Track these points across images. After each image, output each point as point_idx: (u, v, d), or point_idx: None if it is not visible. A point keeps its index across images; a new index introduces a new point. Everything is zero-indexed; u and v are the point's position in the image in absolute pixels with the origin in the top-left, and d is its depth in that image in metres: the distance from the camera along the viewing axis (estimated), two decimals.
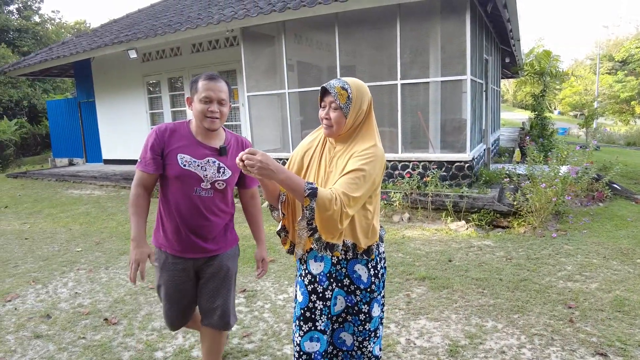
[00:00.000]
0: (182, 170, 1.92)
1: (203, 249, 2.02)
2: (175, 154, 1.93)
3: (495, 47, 9.94)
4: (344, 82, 1.59)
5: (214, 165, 1.97)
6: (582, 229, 4.79)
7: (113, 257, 4.49)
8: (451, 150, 6.38)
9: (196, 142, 1.97)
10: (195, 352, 2.65)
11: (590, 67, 38.33)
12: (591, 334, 2.70)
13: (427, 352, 2.59)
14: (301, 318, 1.71)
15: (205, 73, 1.96)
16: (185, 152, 1.94)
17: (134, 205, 1.97)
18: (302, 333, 1.70)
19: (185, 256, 2.02)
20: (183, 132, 1.98)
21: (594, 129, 16.05)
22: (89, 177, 9.66)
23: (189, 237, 1.99)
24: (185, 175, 1.93)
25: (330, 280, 1.69)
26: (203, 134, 1.98)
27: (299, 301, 1.73)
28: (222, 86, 1.94)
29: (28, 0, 23.57)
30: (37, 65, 10.91)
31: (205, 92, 1.89)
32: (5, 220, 6.46)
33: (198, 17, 8.21)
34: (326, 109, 1.62)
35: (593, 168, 5.91)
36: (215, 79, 1.93)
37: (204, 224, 1.99)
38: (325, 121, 1.63)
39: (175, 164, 1.93)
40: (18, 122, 16.52)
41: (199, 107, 1.91)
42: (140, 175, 1.97)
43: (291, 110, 7.37)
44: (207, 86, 1.90)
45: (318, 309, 1.69)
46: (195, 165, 1.94)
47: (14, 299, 3.51)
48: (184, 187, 1.95)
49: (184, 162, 1.93)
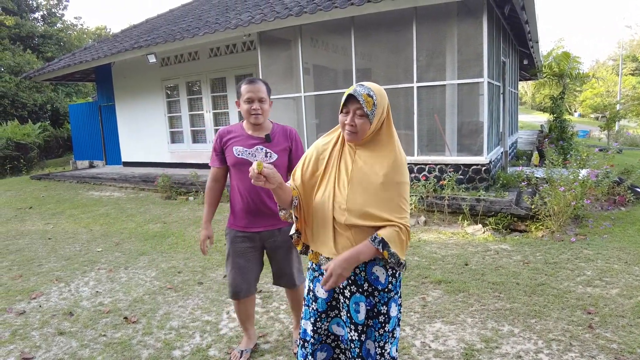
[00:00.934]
0: (236, 159, 2.38)
1: (265, 223, 2.44)
2: (231, 147, 2.40)
3: (512, 49, 9.83)
4: (368, 88, 1.60)
5: (262, 151, 2.39)
6: (602, 234, 4.69)
7: (132, 258, 4.59)
8: (468, 153, 6.33)
9: (247, 136, 2.42)
10: (212, 352, 2.70)
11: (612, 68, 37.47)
12: (611, 340, 2.66)
13: (443, 355, 2.58)
14: (327, 309, 1.78)
15: (246, 78, 2.41)
16: (238, 144, 2.40)
17: (206, 195, 2.55)
18: (330, 319, 1.80)
19: (251, 230, 2.45)
20: (237, 130, 2.45)
21: (616, 132, 15.68)
22: (108, 179, 9.88)
23: (252, 213, 2.41)
24: (239, 163, 2.38)
25: (349, 281, 1.71)
26: (252, 129, 2.43)
27: (323, 298, 1.77)
28: (261, 87, 2.36)
29: (52, 8, 24.28)
30: (60, 70, 11.22)
31: (247, 94, 2.33)
32: (30, 220, 6.65)
33: (216, 22, 8.34)
34: (350, 116, 1.61)
35: (614, 171, 5.78)
36: (254, 82, 2.36)
37: (260, 201, 2.39)
38: (349, 127, 1.63)
39: (231, 155, 2.40)
40: (42, 126, 17.00)
41: (245, 107, 2.35)
42: (211, 171, 2.52)
43: (307, 114, 7.41)
44: (248, 89, 2.33)
45: (341, 301, 1.76)
46: (246, 154, 2.38)
47: (38, 297, 3.62)
48: (241, 172, 2.38)
49: (238, 152, 2.39)
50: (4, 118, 17.24)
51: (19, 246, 5.20)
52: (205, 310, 3.28)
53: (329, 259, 1.69)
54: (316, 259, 1.78)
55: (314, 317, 1.80)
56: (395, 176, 1.64)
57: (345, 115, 1.64)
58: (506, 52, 8.48)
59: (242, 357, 2.57)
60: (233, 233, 2.49)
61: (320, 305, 1.78)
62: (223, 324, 3.07)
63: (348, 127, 1.63)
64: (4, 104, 17.60)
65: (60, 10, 24.79)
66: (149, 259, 4.54)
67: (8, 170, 13.61)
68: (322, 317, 1.79)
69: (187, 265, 4.29)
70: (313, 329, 1.81)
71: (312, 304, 1.82)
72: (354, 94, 1.60)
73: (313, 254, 1.80)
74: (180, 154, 10.63)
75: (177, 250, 4.81)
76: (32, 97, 18.37)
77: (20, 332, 3.03)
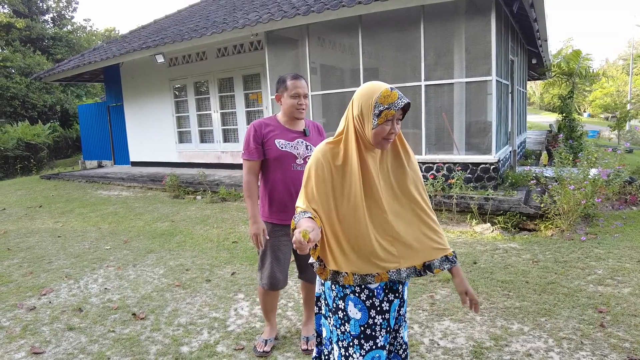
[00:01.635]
0: (280, 152, 2.42)
1: None
2: (273, 140, 2.42)
3: (521, 48, 9.75)
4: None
5: (303, 144, 2.47)
6: (613, 233, 4.63)
7: (140, 255, 4.62)
8: (476, 152, 6.29)
9: (286, 129, 2.46)
10: (220, 348, 2.70)
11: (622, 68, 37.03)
12: (623, 339, 2.62)
13: (451, 352, 2.56)
14: (361, 336, 1.59)
15: (289, 74, 2.44)
16: (280, 137, 2.43)
17: (247, 190, 2.50)
18: (364, 352, 1.58)
19: (288, 222, 2.44)
20: (274, 124, 2.48)
21: (626, 131, 15.49)
22: (117, 178, 9.95)
23: (291, 205, 2.42)
24: (283, 156, 2.42)
25: (385, 291, 1.63)
26: (290, 123, 2.48)
27: (357, 318, 1.59)
28: (305, 83, 2.43)
29: (62, 10, 24.54)
30: (69, 70, 11.34)
31: (295, 89, 2.38)
32: (40, 219, 6.72)
33: (223, 21, 8.37)
34: (391, 124, 1.49)
35: (626, 170, 5.71)
36: (300, 78, 2.41)
37: None
38: (392, 136, 1.52)
39: (274, 148, 2.42)
40: (51, 126, 17.19)
41: (291, 101, 2.39)
42: (248, 165, 2.48)
43: (314, 113, 7.41)
44: (296, 84, 2.38)
45: (377, 324, 1.60)
46: (289, 147, 2.44)
47: (48, 293, 3.66)
48: (284, 165, 2.43)
49: (281, 145, 2.42)
50: (14, 119, 17.46)
51: (29, 244, 5.25)
52: (213, 307, 3.29)
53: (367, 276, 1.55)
54: (351, 280, 1.55)
55: (347, 341, 1.60)
56: (417, 170, 1.68)
57: (387, 124, 1.49)
58: (515, 50, 8.42)
59: (266, 345, 2.63)
60: (270, 227, 2.51)
61: (353, 327, 1.60)
62: (231, 320, 3.07)
63: (392, 136, 1.52)
64: (14, 105, 17.82)
65: (69, 12, 25.07)
66: (157, 256, 4.56)
67: (19, 170, 13.78)
68: (354, 343, 1.59)
69: (194, 262, 4.30)
70: (345, 354, 1.60)
71: (343, 326, 1.61)
72: (408, 102, 1.49)
73: (348, 277, 1.55)
74: (188, 153, 10.69)
75: (185, 248, 4.83)
76: (42, 98, 18.58)
77: (31, 327, 3.05)
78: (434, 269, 1.62)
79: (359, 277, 1.55)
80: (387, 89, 1.48)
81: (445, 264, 1.63)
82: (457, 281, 1.64)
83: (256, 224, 2.47)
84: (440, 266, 1.62)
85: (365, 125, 1.50)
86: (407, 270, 1.60)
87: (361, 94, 1.52)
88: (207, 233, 5.37)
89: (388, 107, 1.46)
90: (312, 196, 1.55)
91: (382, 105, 1.46)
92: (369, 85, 1.53)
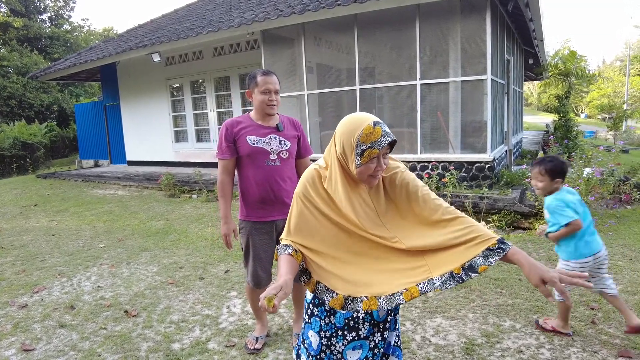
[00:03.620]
0: (252, 148, 2.39)
1: (279, 212, 2.45)
2: (244, 137, 2.40)
3: (517, 48, 9.77)
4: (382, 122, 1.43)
5: (276, 139, 2.44)
6: (607, 231, 4.64)
7: (134, 254, 4.60)
8: (471, 151, 6.30)
9: (258, 126, 2.44)
10: (211, 345, 2.70)
11: (619, 69, 37.16)
12: (614, 335, 2.62)
13: (443, 349, 2.56)
14: (345, 328, 1.57)
15: (260, 70, 2.42)
16: (251, 134, 2.41)
17: (221, 190, 2.48)
18: (347, 342, 1.58)
19: (266, 219, 2.45)
20: (246, 121, 2.46)
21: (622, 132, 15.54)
22: (113, 177, 9.93)
23: (268, 202, 2.43)
24: (255, 152, 2.39)
25: None
26: (262, 119, 2.45)
27: (343, 312, 1.56)
28: (276, 78, 2.41)
29: (59, 9, 24.49)
30: (66, 69, 11.31)
31: (266, 85, 2.36)
32: (35, 217, 6.70)
33: (220, 20, 8.37)
34: (379, 159, 1.39)
35: (620, 170, 5.73)
36: (271, 74, 2.39)
37: (277, 188, 2.42)
38: (378, 173, 1.42)
39: (245, 145, 2.40)
40: (48, 126, 17.15)
41: (261, 97, 2.37)
42: (222, 164, 2.46)
43: (310, 112, 7.41)
44: (266, 80, 2.36)
45: (360, 318, 1.58)
46: (261, 142, 2.41)
47: (41, 291, 3.64)
48: (257, 161, 2.40)
49: (252, 141, 2.40)
50: (11, 118, 17.41)
51: (23, 242, 5.24)
52: (205, 304, 3.28)
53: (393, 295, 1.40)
54: (375, 305, 1.42)
55: (330, 331, 1.58)
56: (414, 185, 1.53)
57: (372, 162, 1.38)
58: (510, 50, 8.44)
59: (257, 342, 2.62)
60: (250, 225, 2.48)
61: (338, 319, 1.58)
62: (223, 317, 3.06)
63: (379, 173, 1.42)
64: (11, 104, 17.77)
65: (67, 11, 25.02)
66: (151, 254, 4.55)
67: (15, 169, 13.74)
68: (337, 334, 1.57)
69: (188, 260, 4.29)
70: (326, 343, 1.57)
71: (327, 317, 1.60)
72: (393, 137, 1.39)
73: (368, 301, 1.42)
74: (185, 153, 10.67)
75: (179, 246, 4.82)
76: (39, 97, 18.53)
77: (22, 324, 3.04)
78: (478, 268, 1.35)
79: (351, 300, 1.43)
80: (369, 126, 1.36)
81: (493, 257, 1.34)
82: (526, 271, 1.31)
83: (227, 225, 2.49)
84: (485, 262, 1.34)
85: (349, 163, 1.41)
86: (440, 278, 1.38)
87: (342, 131, 1.41)
88: (201, 231, 5.36)
89: (371, 146, 1.35)
90: (295, 227, 1.50)
91: (365, 144, 1.35)
92: (351, 120, 1.41)
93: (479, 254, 1.36)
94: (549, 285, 1.29)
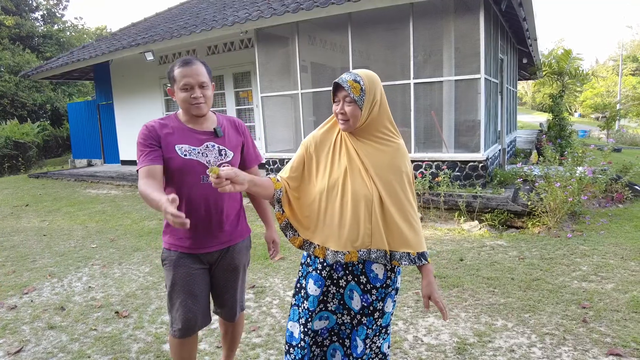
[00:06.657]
0: (184, 161, 1.81)
1: (216, 241, 1.90)
2: (172, 146, 1.81)
3: (511, 47, 9.80)
4: (355, 74, 1.59)
5: (214, 149, 1.87)
6: (599, 230, 4.67)
7: (126, 254, 4.57)
8: (465, 150, 6.31)
9: (189, 130, 1.86)
10: (202, 345, 2.68)
11: (612, 69, 37.40)
12: (605, 334, 2.63)
13: (435, 349, 2.56)
14: (317, 305, 1.70)
15: (179, 60, 1.83)
16: (181, 142, 1.83)
17: (144, 191, 1.66)
18: (314, 315, 1.71)
19: (199, 252, 1.89)
20: (173, 124, 1.86)
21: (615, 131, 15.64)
22: (106, 177, 9.86)
23: (204, 229, 1.87)
24: (188, 166, 1.81)
25: (345, 271, 1.69)
26: (193, 122, 1.88)
27: (315, 295, 1.69)
28: (200, 68, 1.81)
29: (52, 8, 24.28)
30: (58, 68, 11.21)
31: (184, 79, 1.78)
32: (26, 217, 6.64)
33: (213, 19, 8.33)
34: (340, 104, 1.60)
35: (612, 168, 5.76)
36: (191, 63, 1.80)
37: (216, 211, 1.88)
38: (340, 116, 1.62)
39: (175, 157, 1.81)
40: (41, 125, 16.99)
41: (182, 95, 1.80)
42: (142, 171, 1.75)
43: (304, 111, 7.39)
44: (184, 72, 1.78)
45: (331, 293, 1.71)
46: (195, 153, 1.83)
47: (30, 292, 3.60)
48: (190, 178, 1.82)
49: (184, 152, 1.82)
50: (3, 117, 17.23)
51: (13, 242, 5.18)
52: None
53: (338, 253, 1.63)
54: (322, 253, 1.67)
55: (304, 318, 1.71)
56: (405, 172, 1.69)
57: (337, 105, 1.63)
58: (504, 49, 8.46)
59: None
60: (176, 256, 1.88)
61: (311, 303, 1.70)
62: (214, 318, 3.03)
63: (340, 116, 1.63)
64: (3, 103, 17.59)
65: (60, 10, 24.77)
66: (143, 255, 4.52)
67: (6, 169, 13.60)
68: (312, 316, 1.70)
69: None
70: (304, 330, 1.70)
71: (303, 303, 1.73)
72: (339, 81, 1.60)
73: (320, 249, 1.68)
74: None
75: None
76: (31, 96, 18.35)
77: (11, 326, 3.01)
78: (392, 261, 1.64)
79: (332, 252, 1.64)
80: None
81: (405, 260, 1.62)
82: (423, 283, 1.65)
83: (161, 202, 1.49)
84: (400, 260, 1.62)
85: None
86: (377, 252, 1.62)
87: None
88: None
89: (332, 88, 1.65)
90: (291, 167, 1.73)
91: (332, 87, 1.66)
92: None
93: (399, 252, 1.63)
94: (431, 302, 1.63)
